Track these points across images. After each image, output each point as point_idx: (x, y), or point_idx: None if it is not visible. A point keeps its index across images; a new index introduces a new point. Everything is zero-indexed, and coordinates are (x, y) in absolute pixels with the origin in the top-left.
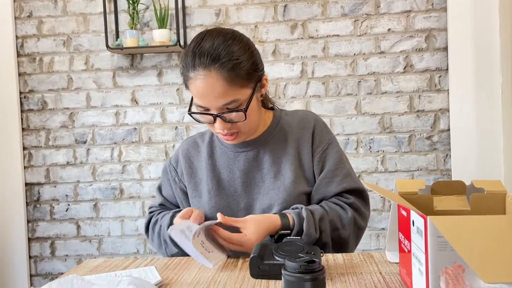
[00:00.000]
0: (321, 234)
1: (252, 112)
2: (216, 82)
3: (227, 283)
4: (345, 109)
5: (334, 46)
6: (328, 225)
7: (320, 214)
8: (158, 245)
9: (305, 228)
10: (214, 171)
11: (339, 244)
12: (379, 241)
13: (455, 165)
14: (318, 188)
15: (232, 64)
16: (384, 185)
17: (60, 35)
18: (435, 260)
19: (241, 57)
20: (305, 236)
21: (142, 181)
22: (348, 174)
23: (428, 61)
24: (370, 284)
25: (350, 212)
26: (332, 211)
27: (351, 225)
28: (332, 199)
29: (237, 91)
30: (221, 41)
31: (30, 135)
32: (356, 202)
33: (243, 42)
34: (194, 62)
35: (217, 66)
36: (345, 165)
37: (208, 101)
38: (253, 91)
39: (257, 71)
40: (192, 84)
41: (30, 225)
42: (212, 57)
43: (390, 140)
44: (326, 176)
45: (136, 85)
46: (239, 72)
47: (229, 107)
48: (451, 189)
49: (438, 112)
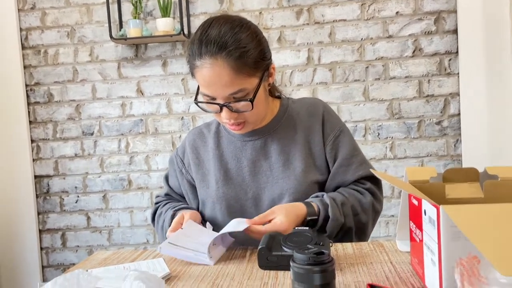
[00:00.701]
0: (345, 219)
1: (259, 101)
2: (223, 70)
3: (235, 275)
4: (352, 96)
5: (341, 31)
6: (350, 210)
7: (341, 200)
8: (161, 237)
9: (331, 213)
10: (221, 161)
11: (359, 229)
12: (389, 228)
13: (466, 150)
14: (334, 176)
15: (240, 52)
16: (393, 172)
17: (64, 27)
18: (448, 251)
19: (248, 45)
20: (332, 221)
21: (149, 172)
22: (363, 161)
23: (438, 44)
24: (381, 274)
25: (368, 197)
26: (351, 196)
27: (370, 209)
28: (349, 186)
29: (244, 80)
30: (228, 28)
31: (37, 127)
32: (372, 187)
33: (250, 29)
34: (200, 50)
35: (224, 54)
36: (359, 152)
37: (214, 90)
38: (261, 80)
39: (265, 59)
40: (198, 73)
41: (40, 217)
42: (219, 45)
43: (399, 126)
44: (342, 164)
45: (141, 76)
46: (247, 61)
47: (235, 96)
48: (463, 176)
49: (448, 96)
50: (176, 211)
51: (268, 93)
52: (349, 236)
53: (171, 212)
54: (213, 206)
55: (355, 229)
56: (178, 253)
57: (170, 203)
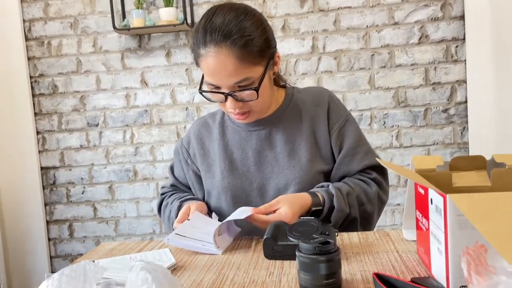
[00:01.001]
0: (350, 209)
1: (264, 90)
2: (228, 59)
3: (241, 265)
4: (358, 84)
5: (346, 19)
6: (355, 200)
7: (346, 190)
8: (168, 228)
9: (336, 203)
10: (226, 151)
11: (365, 219)
12: (394, 217)
13: (473, 138)
14: (339, 166)
15: (244, 41)
16: (399, 161)
17: (67, 18)
18: (455, 240)
19: (253, 33)
20: (337, 212)
21: (155, 163)
22: (369, 151)
23: (444, 31)
24: (387, 263)
25: (374, 187)
26: (357, 186)
27: (376, 199)
28: (355, 175)
29: (249, 69)
30: (233, 16)
31: (42, 119)
32: (378, 177)
33: (255, 17)
34: (205, 39)
35: (228, 42)
36: (365, 141)
37: (219, 79)
38: (266, 69)
39: (270, 48)
40: (203, 62)
41: (47, 208)
42: (223, 34)
43: (405, 115)
44: (347, 154)
45: (145, 66)
46: (251, 49)
47: (240, 85)
48: (470, 164)
49: (454, 83)
50: (182, 202)
51: (273, 82)
52: (354, 226)
53: (178, 203)
54: (218, 196)
55: (360, 219)
56: (186, 243)
57: (176, 194)
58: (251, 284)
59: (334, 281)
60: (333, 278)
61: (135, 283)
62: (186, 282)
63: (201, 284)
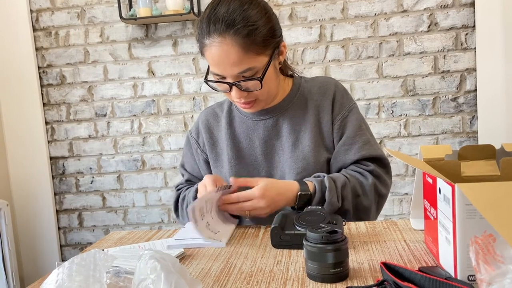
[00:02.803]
0: (343, 202)
1: (269, 80)
2: (231, 49)
3: (249, 254)
4: (366, 73)
5: (354, 7)
6: (350, 192)
7: (342, 182)
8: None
9: (327, 197)
10: (233, 140)
11: (360, 211)
12: (402, 206)
13: (482, 127)
14: (336, 155)
15: (248, 30)
16: (407, 150)
17: (74, 8)
18: (463, 229)
19: (257, 22)
20: (328, 205)
21: (163, 153)
22: (367, 142)
23: (454, 18)
24: (395, 252)
25: (370, 178)
26: (353, 178)
27: (372, 192)
28: (352, 167)
29: (253, 58)
30: (237, 5)
31: (51, 109)
32: (377, 169)
33: (260, 6)
34: (209, 29)
35: (232, 32)
36: (364, 132)
37: (223, 69)
38: (270, 58)
39: (275, 37)
40: (207, 52)
41: (57, 197)
42: (227, 23)
43: (414, 103)
44: (344, 143)
45: (152, 56)
46: (255, 39)
47: (245, 75)
48: (479, 153)
49: (464, 72)
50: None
51: (279, 72)
52: (346, 219)
53: (195, 187)
54: None
55: (355, 212)
56: (187, 243)
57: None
58: (258, 272)
59: (341, 270)
60: (341, 267)
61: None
62: (194, 271)
63: (209, 272)
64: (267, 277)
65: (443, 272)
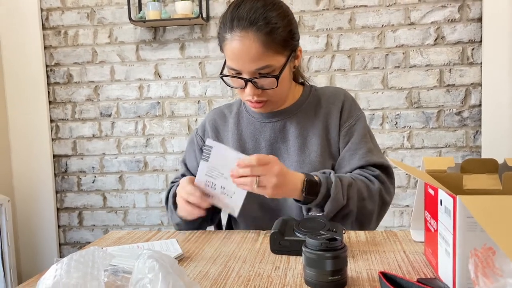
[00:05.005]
0: (348, 201)
1: (283, 80)
2: (252, 44)
3: (247, 258)
4: (371, 84)
5: (361, 18)
6: (355, 193)
7: (348, 181)
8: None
9: (333, 192)
10: (239, 141)
11: (363, 216)
12: (403, 218)
13: (486, 142)
14: (341, 161)
15: (270, 28)
16: (409, 162)
17: (84, 8)
18: (463, 241)
19: (279, 23)
20: (332, 201)
21: (165, 155)
22: (371, 150)
23: (461, 33)
24: (393, 263)
25: (377, 183)
26: (359, 180)
27: (377, 197)
28: (357, 171)
29: (272, 56)
30: (261, 5)
31: (57, 108)
32: (382, 175)
33: (282, 9)
34: (232, 24)
35: (254, 28)
36: (369, 140)
37: (242, 64)
38: (287, 59)
39: (294, 40)
40: (227, 45)
41: (58, 195)
42: (250, 20)
43: (418, 116)
44: (349, 148)
45: (159, 59)
46: (276, 38)
47: (261, 72)
48: (482, 167)
49: (469, 86)
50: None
51: (292, 76)
52: (349, 221)
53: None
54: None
55: (358, 215)
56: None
57: None
58: (256, 277)
59: (339, 278)
60: (339, 275)
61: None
62: (192, 273)
63: (206, 275)
64: (265, 282)
65: (442, 284)
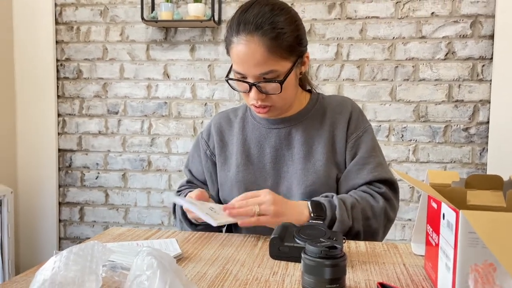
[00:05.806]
0: (353, 222)
1: (288, 86)
2: (258, 48)
3: (246, 261)
4: (379, 95)
5: (373, 29)
6: (359, 213)
7: (351, 203)
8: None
9: (338, 214)
10: (244, 146)
11: (369, 234)
12: (405, 232)
13: (492, 159)
14: (348, 174)
15: (276, 33)
16: (414, 176)
17: (98, 5)
18: (464, 257)
19: (285, 28)
20: (339, 223)
21: (169, 155)
22: (380, 164)
23: (472, 49)
24: (393, 275)
25: (381, 201)
26: (363, 200)
27: (382, 215)
28: (363, 188)
29: (277, 61)
30: (268, 10)
31: (65, 102)
32: (388, 192)
33: (290, 14)
34: (238, 28)
35: (260, 33)
36: (377, 154)
37: (247, 68)
38: (293, 65)
39: (300, 46)
40: (233, 49)
41: (61, 190)
42: (256, 24)
43: (424, 130)
44: (357, 162)
45: (169, 59)
46: (281, 43)
47: (266, 77)
48: (487, 183)
49: (478, 103)
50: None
51: (298, 82)
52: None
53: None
54: (230, 189)
55: (364, 234)
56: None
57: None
58: (254, 281)
59: (337, 287)
60: (337, 284)
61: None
62: (190, 273)
63: (204, 276)
64: (262, 287)
65: None
